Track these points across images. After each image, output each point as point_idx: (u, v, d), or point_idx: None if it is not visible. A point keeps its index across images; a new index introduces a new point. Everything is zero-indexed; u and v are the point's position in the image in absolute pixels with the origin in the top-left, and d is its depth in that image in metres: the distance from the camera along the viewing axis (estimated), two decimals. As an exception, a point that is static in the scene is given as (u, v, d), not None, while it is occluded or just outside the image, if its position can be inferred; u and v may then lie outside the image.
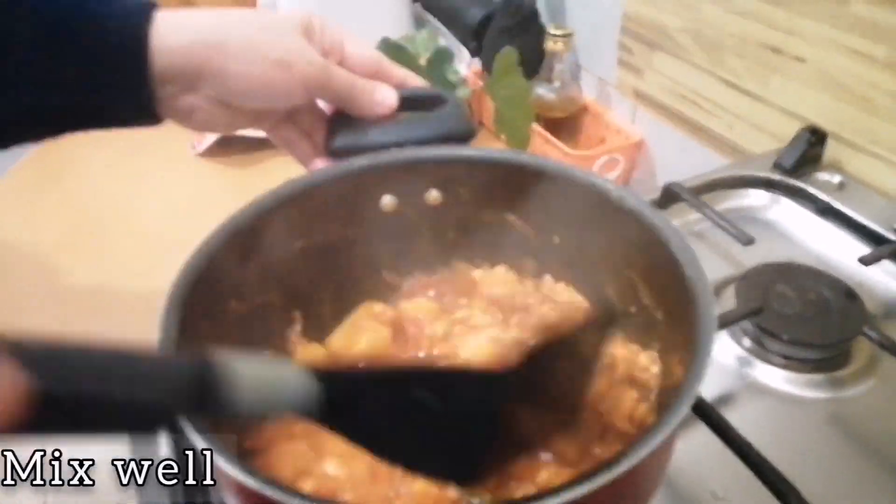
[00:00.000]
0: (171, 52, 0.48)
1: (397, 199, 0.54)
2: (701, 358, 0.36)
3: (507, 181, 0.53)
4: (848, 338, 0.59)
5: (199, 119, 0.53)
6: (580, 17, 1.11)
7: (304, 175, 0.52)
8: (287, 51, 0.51)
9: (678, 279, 0.42)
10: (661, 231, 0.44)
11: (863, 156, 0.76)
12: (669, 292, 0.44)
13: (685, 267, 0.42)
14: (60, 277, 0.87)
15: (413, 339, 0.52)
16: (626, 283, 0.50)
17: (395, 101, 0.55)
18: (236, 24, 0.50)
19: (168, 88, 0.50)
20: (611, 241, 0.50)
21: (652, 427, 0.33)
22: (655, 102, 1.01)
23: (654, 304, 0.48)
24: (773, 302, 0.61)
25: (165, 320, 0.39)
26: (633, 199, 0.47)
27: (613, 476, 0.31)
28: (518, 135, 1.00)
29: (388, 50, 0.97)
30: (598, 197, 0.49)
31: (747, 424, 0.48)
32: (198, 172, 1.06)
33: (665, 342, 0.47)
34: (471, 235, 0.57)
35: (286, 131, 0.58)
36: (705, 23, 0.89)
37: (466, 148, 0.54)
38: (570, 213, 0.52)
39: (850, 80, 0.75)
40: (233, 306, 0.47)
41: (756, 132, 0.87)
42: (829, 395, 0.57)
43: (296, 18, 0.53)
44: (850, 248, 0.70)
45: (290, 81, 0.51)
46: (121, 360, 0.24)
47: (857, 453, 0.53)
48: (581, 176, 0.51)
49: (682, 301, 0.41)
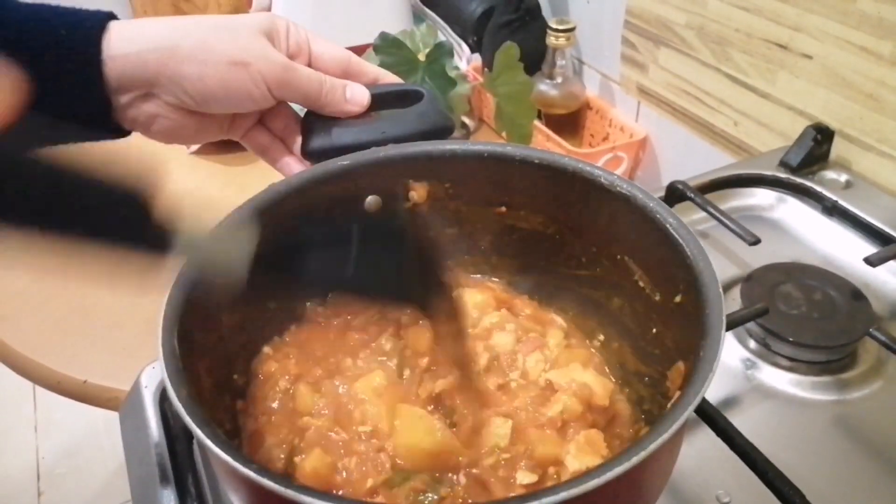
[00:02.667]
0: (124, 60, 0.48)
1: (381, 199, 0.54)
2: (709, 357, 0.35)
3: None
4: (854, 339, 0.58)
5: (163, 128, 0.52)
6: (583, 11, 1.10)
7: (284, 179, 0.51)
8: (242, 49, 0.50)
9: (685, 273, 0.41)
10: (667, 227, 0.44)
11: (870, 154, 0.75)
12: (676, 286, 0.43)
13: (694, 262, 0.41)
14: (53, 279, 0.86)
15: None
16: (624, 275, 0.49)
17: (366, 99, 0.54)
18: (190, 28, 0.50)
19: (125, 97, 0.49)
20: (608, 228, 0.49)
21: (657, 426, 0.33)
22: (660, 99, 1.01)
23: (651, 288, 0.48)
24: (779, 303, 0.60)
25: (166, 336, 0.39)
26: (627, 184, 0.47)
27: (617, 473, 0.30)
28: (519, 132, 0.99)
29: (387, 45, 0.96)
30: (590, 184, 0.49)
31: (752, 427, 0.48)
32: (192, 171, 1.05)
33: (670, 341, 0.46)
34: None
35: (259, 136, 0.57)
36: (710, 18, 0.88)
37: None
38: (566, 203, 0.52)
39: (857, 77, 0.74)
40: (224, 319, 0.46)
41: (762, 130, 0.86)
42: (835, 397, 0.57)
43: (256, 20, 0.52)
44: (857, 247, 0.70)
45: (249, 81, 0.50)
46: None
47: (863, 456, 0.52)
48: (571, 164, 0.50)
49: (690, 298, 0.40)
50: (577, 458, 0.43)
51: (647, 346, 0.49)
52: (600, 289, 0.53)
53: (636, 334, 0.50)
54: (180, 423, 0.52)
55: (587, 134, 1.14)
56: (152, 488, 0.49)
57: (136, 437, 0.53)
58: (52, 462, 1.64)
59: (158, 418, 0.53)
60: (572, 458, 0.43)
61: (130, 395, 0.57)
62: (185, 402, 0.35)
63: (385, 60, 0.95)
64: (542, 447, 0.43)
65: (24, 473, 1.62)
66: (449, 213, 0.55)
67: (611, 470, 0.31)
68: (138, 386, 0.56)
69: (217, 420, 0.40)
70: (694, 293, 0.41)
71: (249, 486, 0.33)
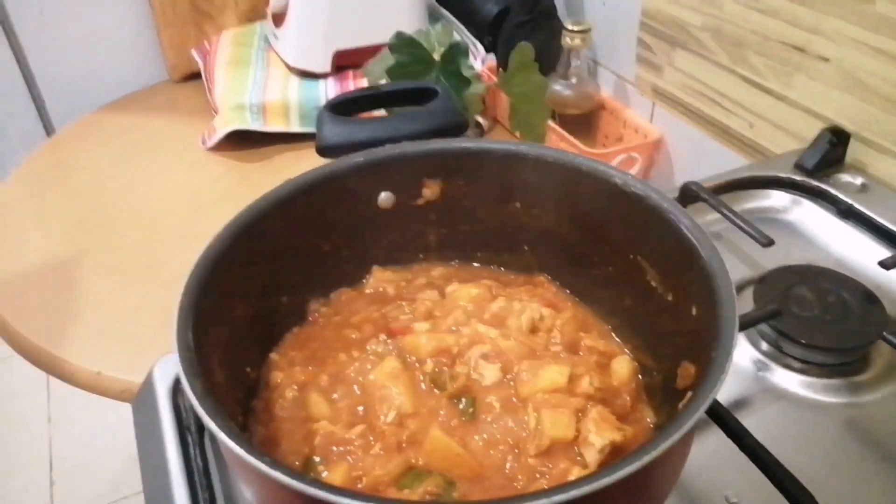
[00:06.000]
0: None
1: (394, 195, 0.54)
2: (722, 359, 0.35)
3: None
4: (867, 342, 0.58)
5: None
6: (598, 12, 1.10)
7: (302, 174, 0.51)
8: None
9: (699, 274, 0.41)
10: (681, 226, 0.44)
11: (886, 157, 0.75)
12: (689, 287, 0.43)
13: (706, 259, 0.41)
14: (68, 271, 0.87)
15: None
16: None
17: None
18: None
19: None
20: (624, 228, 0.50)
21: (669, 425, 0.33)
22: (674, 100, 1.00)
23: (664, 289, 0.48)
24: (792, 305, 0.60)
25: (181, 329, 0.39)
26: (640, 184, 0.47)
27: (627, 473, 0.31)
28: (533, 132, 0.99)
29: (402, 44, 0.96)
30: (608, 186, 0.49)
31: (763, 429, 0.47)
32: (207, 167, 1.06)
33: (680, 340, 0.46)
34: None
35: None
36: (726, 20, 0.87)
37: None
38: (575, 202, 0.52)
39: (874, 80, 0.73)
40: (239, 310, 0.47)
41: (777, 132, 0.86)
42: (847, 400, 0.56)
43: None
44: (871, 251, 0.69)
45: None
46: None
47: (874, 460, 0.52)
48: (582, 162, 0.50)
49: (704, 298, 0.40)
50: (599, 435, 0.42)
51: (658, 344, 0.49)
52: (612, 288, 0.53)
53: (647, 333, 0.50)
54: (193, 416, 0.52)
55: (601, 134, 1.14)
56: (164, 480, 0.49)
57: (149, 429, 0.54)
58: (65, 453, 1.65)
59: (171, 410, 0.54)
60: (595, 436, 0.42)
61: (143, 388, 0.57)
62: (199, 394, 0.35)
63: (400, 60, 0.95)
64: (558, 430, 0.43)
65: (37, 463, 1.63)
66: (462, 211, 0.56)
67: (621, 469, 0.31)
68: (151, 378, 0.56)
69: (230, 413, 0.41)
70: (707, 294, 0.41)
71: (262, 480, 0.34)
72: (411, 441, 0.44)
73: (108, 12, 1.27)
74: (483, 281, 0.56)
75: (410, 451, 0.43)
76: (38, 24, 1.23)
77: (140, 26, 1.29)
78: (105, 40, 1.29)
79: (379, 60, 1.00)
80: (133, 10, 1.28)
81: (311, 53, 1.12)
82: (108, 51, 1.29)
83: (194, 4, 1.25)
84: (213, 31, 1.27)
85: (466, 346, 0.49)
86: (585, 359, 0.49)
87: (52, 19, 1.23)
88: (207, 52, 1.21)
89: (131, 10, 1.28)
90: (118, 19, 1.28)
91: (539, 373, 0.46)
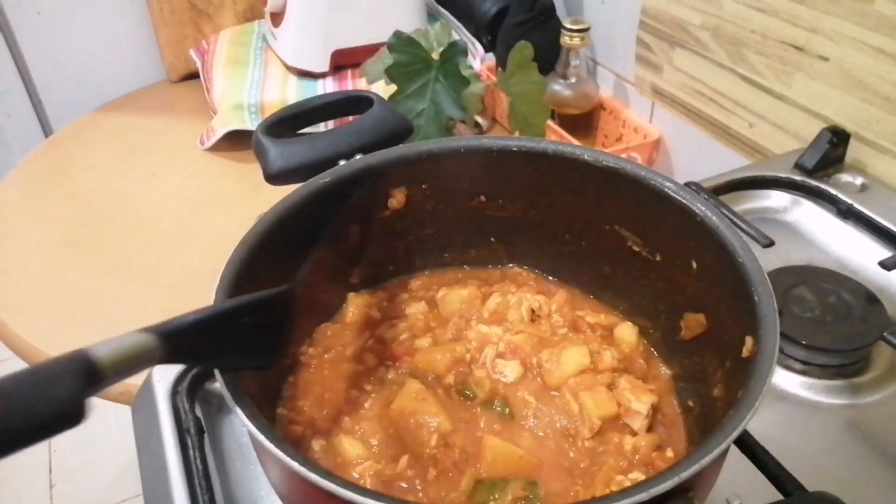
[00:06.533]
0: None
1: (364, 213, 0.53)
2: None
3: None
4: (868, 343, 0.58)
5: None
6: (597, 12, 1.10)
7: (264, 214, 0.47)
8: None
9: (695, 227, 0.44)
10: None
11: (886, 157, 0.75)
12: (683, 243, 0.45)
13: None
14: (67, 272, 0.87)
15: None
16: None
17: None
18: None
19: None
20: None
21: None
22: (674, 100, 1.00)
23: (650, 251, 0.49)
24: (793, 306, 0.59)
25: None
26: (612, 159, 0.49)
27: (663, 489, 0.32)
28: (533, 131, 0.99)
29: (401, 43, 0.96)
30: (578, 164, 0.50)
31: (764, 431, 0.47)
32: (205, 168, 1.06)
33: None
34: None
35: None
36: (726, 19, 0.87)
37: None
38: (544, 186, 0.52)
39: (874, 79, 0.73)
40: None
41: (777, 132, 0.86)
42: (848, 401, 0.56)
43: None
44: (872, 251, 0.69)
45: None
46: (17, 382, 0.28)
47: (875, 461, 0.52)
48: (547, 147, 0.51)
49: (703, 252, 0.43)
50: (640, 402, 0.45)
51: (649, 303, 0.51)
52: (587, 261, 0.54)
53: (635, 296, 0.52)
54: (192, 418, 0.52)
55: (600, 134, 1.14)
56: (164, 483, 0.49)
57: (148, 432, 0.54)
58: (65, 455, 1.65)
59: (170, 413, 0.54)
60: (637, 403, 0.45)
61: (142, 390, 0.57)
62: (244, 405, 0.36)
63: (399, 59, 0.95)
64: (603, 408, 0.45)
65: (37, 466, 1.63)
66: (425, 214, 0.55)
67: (656, 486, 0.32)
68: (150, 380, 0.56)
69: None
70: (710, 245, 0.43)
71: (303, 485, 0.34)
72: (465, 457, 0.43)
73: (105, 12, 1.26)
74: (469, 281, 0.56)
75: (467, 466, 0.43)
76: (36, 24, 1.23)
77: (138, 26, 1.28)
78: (103, 40, 1.28)
79: (377, 60, 1.00)
80: (131, 9, 1.27)
81: (309, 53, 1.12)
82: (105, 51, 1.29)
83: (192, 4, 1.25)
84: (210, 30, 1.27)
85: (477, 350, 0.49)
86: (592, 335, 0.50)
87: (50, 19, 1.23)
88: (205, 51, 1.21)
89: (129, 10, 1.27)
90: (116, 19, 1.28)
91: (562, 359, 0.47)
